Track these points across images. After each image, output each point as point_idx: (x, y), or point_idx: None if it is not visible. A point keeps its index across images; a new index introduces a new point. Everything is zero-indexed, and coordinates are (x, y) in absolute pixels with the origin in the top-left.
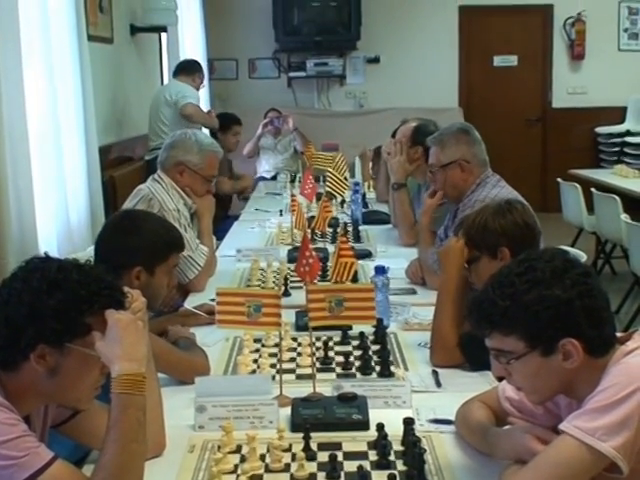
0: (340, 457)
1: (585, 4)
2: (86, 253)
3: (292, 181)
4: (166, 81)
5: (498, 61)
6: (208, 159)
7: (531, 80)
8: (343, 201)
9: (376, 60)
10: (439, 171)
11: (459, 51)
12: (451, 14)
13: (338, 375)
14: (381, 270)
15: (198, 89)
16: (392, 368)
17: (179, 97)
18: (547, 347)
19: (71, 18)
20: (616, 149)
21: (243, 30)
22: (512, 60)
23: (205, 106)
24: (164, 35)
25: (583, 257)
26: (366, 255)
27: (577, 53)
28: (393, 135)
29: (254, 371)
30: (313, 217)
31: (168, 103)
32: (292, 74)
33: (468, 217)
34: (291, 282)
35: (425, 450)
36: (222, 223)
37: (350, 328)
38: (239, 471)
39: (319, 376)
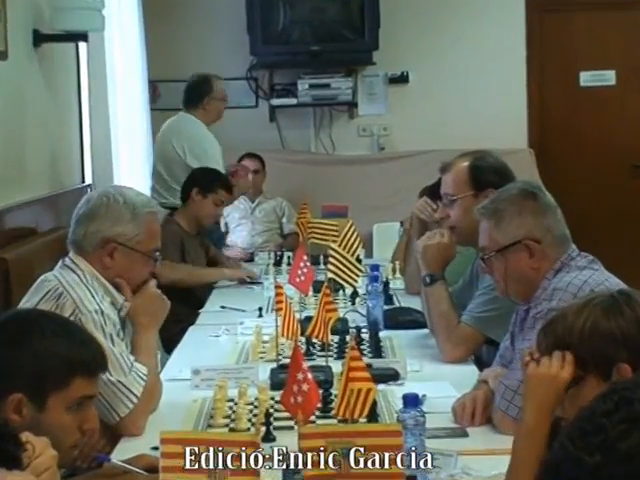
0: None
1: None
2: None
3: (277, 263)
4: (86, 113)
5: (587, 79)
6: (147, 225)
7: (637, 106)
8: (355, 294)
9: (403, 79)
10: (496, 258)
11: (528, 65)
12: (515, 11)
13: None
14: (413, 400)
15: (217, 116)
16: None
17: (192, 161)
18: None
19: None
20: None
21: (202, 37)
22: (608, 77)
23: (146, 153)
24: (84, 46)
25: None
26: (390, 377)
27: None
28: (424, 193)
29: None
30: (309, 318)
31: (179, 163)
32: (276, 101)
33: (557, 318)
34: (276, 420)
35: None
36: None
37: None
38: None
39: None
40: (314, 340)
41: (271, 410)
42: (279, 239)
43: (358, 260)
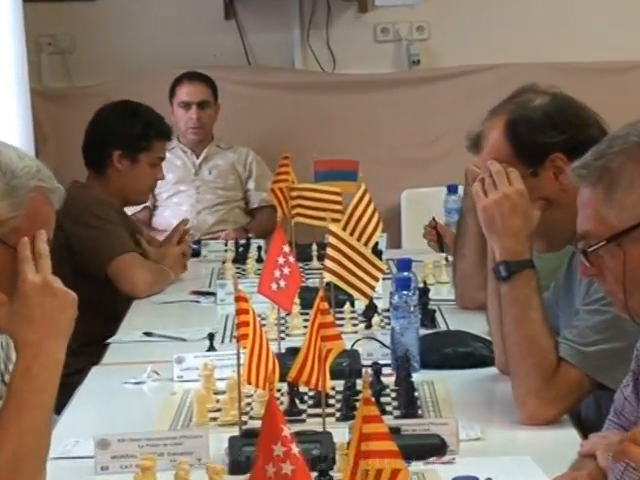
0: None
1: None
2: None
3: (239, 259)
4: None
5: None
6: (31, 206)
7: None
8: (371, 309)
9: None
10: (607, 250)
11: None
12: None
13: None
14: None
15: None
16: None
17: None
18: None
19: None
20: None
21: None
22: None
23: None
24: None
25: None
26: (432, 449)
27: None
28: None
29: None
30: (295, 352)
31: None
32: None
33: None
34: None
35: None
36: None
37: None
38: None
39: None
40: (303, 389)
41: None
42: (243, 217)
43: (376, 252)
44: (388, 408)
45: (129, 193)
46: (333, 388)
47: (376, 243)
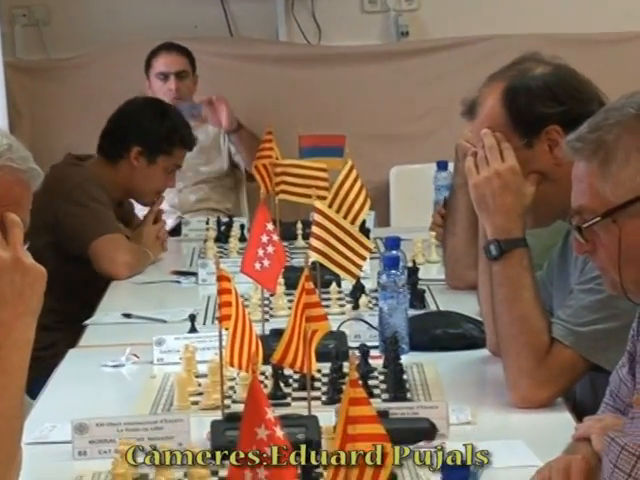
0: None
1: None
2: None
3: (221, 238)
4: None
5: None
6: None
7: None
8: (358, 289)
9: None
10: (602, 226)
11: None
12: None
13: None
14: (460, 474)
15: None
16: None
17: None
18: None
19: None
20: None
21: None
22: None
23: None
24: None
25: None
26: (421, 433)
27: None
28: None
29: None
30: (279, 333)
31: None
32: None
33: None
34: None
35: None
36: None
37: None
38: None
39: None
40: (287, 372)
41: None
42: (226, 195)
43: (364, 230)
44: (376, 391)
45: (135, 191)
46: (319, 371)
47: (363, 221)
